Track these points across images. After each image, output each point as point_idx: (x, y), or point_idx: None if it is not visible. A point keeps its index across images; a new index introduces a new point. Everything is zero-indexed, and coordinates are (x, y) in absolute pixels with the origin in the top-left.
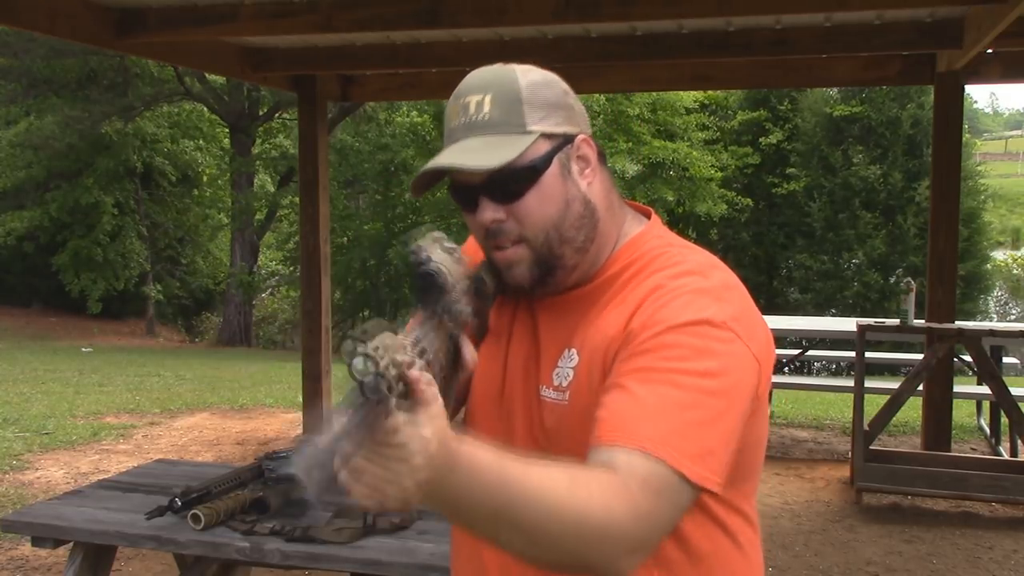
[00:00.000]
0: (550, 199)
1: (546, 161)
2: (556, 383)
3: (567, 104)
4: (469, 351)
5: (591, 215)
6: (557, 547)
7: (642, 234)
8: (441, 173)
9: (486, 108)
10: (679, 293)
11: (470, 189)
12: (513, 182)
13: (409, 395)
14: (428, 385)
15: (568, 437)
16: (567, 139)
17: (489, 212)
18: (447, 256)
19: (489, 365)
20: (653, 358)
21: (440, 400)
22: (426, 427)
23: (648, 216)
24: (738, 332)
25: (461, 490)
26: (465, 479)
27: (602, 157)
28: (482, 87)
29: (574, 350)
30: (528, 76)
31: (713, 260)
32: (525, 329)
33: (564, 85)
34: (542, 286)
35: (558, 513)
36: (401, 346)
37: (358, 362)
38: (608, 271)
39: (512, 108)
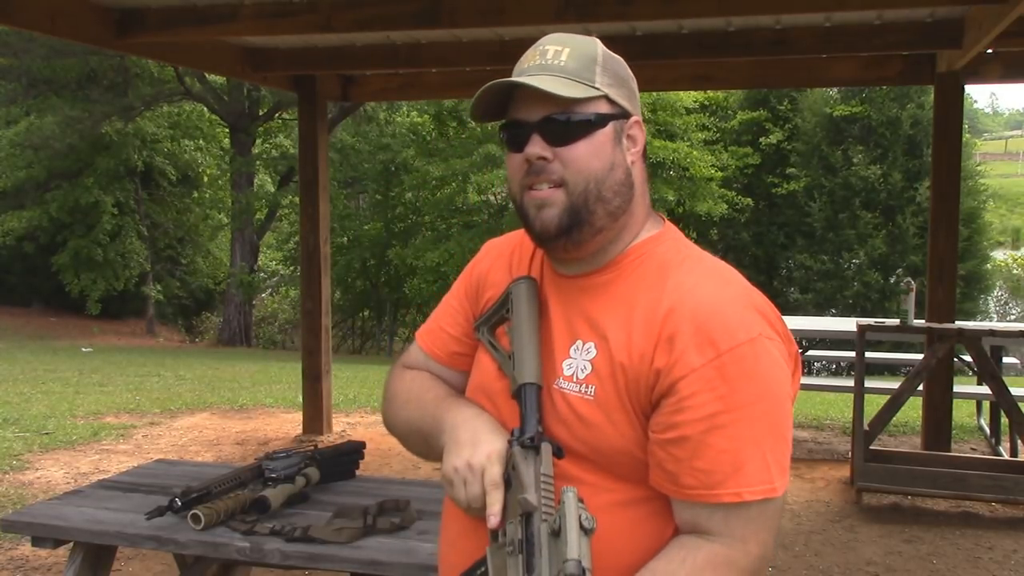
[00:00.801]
0: (598, 155)
1: (603, 120)
2: (568, 373)
3: (631, 87)
4: None
5: (629, 188)
6: None
7: (660, 234)
8: (502, 111)
9: (564, 57)
10: (708, 315)
11: (524, 126)
12: (568, 128)
13: None
14: None
15: (591, 428)
16: (625, 113)
17: (538, 147)
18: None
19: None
20: (708, 400)
21: None
22: None
23: (663, 220)
24: (768, 335)
25: None
26: None
27: (644, 150)
28: (563, 41)
29: (591, 344)
30: (605, 49)
31: (726, 266)
32: (543, 321)
33: (630, 72)
34: (566, 237)
35: None
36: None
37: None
38: (624, 262)
39: (587, 65)
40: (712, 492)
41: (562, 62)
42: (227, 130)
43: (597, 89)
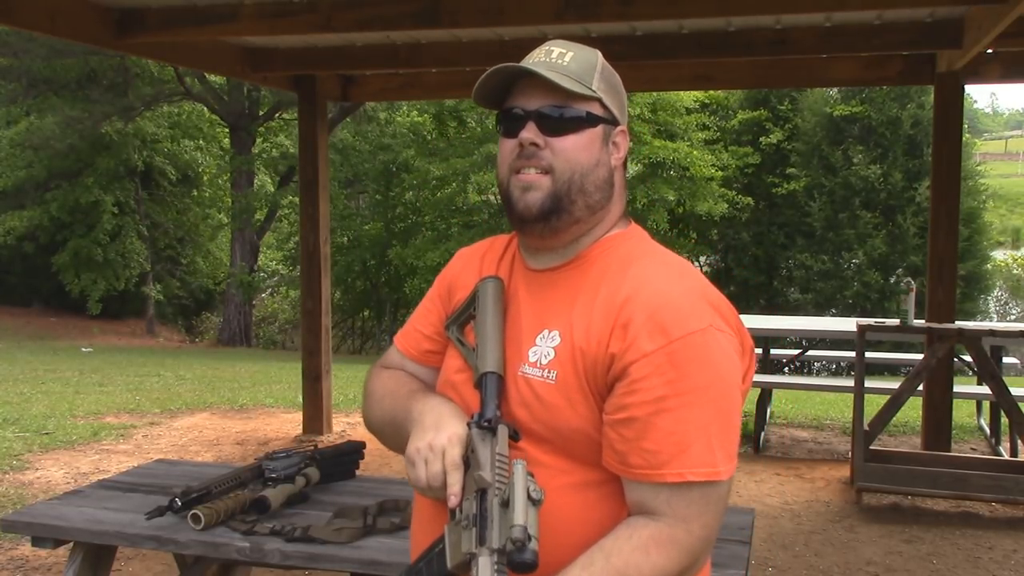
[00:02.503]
0: (586, 150)
1: (595, 120)
2: (534, 360)
3: (623, 99)
4: None
5: (610, 187)
6: None
7: (626, 233)
8: (503, 98)
9: (567, 59)
10: (661, 304)
11: (521, 114)
12: (562, 120)
13: None
14: None
15: (551, 411)
16: (614, 120)
17: (531, 134)
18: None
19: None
20: (659, 383)
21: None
22: None
23: (629, 222)
24: (718, 326)
25: None
26: None
27: (626, 159)
28: (568, 46)
29: (555, 332)
30: (604, 60)
31: (683, 261)
32: (512, 312)
33: (623, 87)
34: (544, 221)
35: None
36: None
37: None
38: (591, 255)
39: (587, 69)
40: (657, 472)
41: (565, 63)
42: (227, 130)
43: (593, 91)
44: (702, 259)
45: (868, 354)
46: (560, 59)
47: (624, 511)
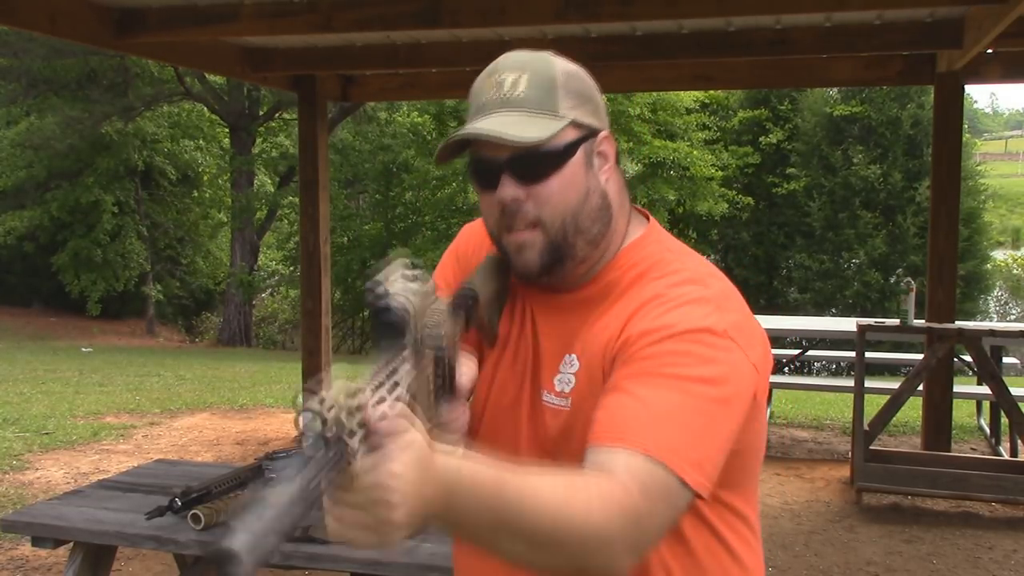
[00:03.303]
0: (572, 186)
1: (573, 148)
2: (559, 389)
3: (595, 99)
4: (467, 370)
5: (606, 210)
6: (559, 554)
7: (642, 238)
8: (467, 143)
9: (522, 87)
10: (680, 302)
11: (493, 166)
12: (539, 163)
13: (369, 435)
14: (394, 418)
15: (573, 441)
16: (592, 132)
17: (510, 190)
18: (408, 285)
19: (495, 373)
20: (654, 363)
21: (414, 426)
22: (395, 461)
23: (647, 218)
24: (738, 341)
25: (460, 508)
26: (463, 498)
27: (618, 158)
28: (519, 66)
29: (575, 356)
30: (564, 65)
31: (711, 268)
32: (527, 335)
33: (592, 81)
34: (549, 275)
35: (559, 522)
36: (353, 391)
37: (306, 417)
38: (609, 275)
39: (547, 91)
40: (619, 437)
41: (521, 93)
42: (227, 130)
43: (562, 118)
44: None
45: (868, 354)
46: (514, 89)
47: (661, 547)
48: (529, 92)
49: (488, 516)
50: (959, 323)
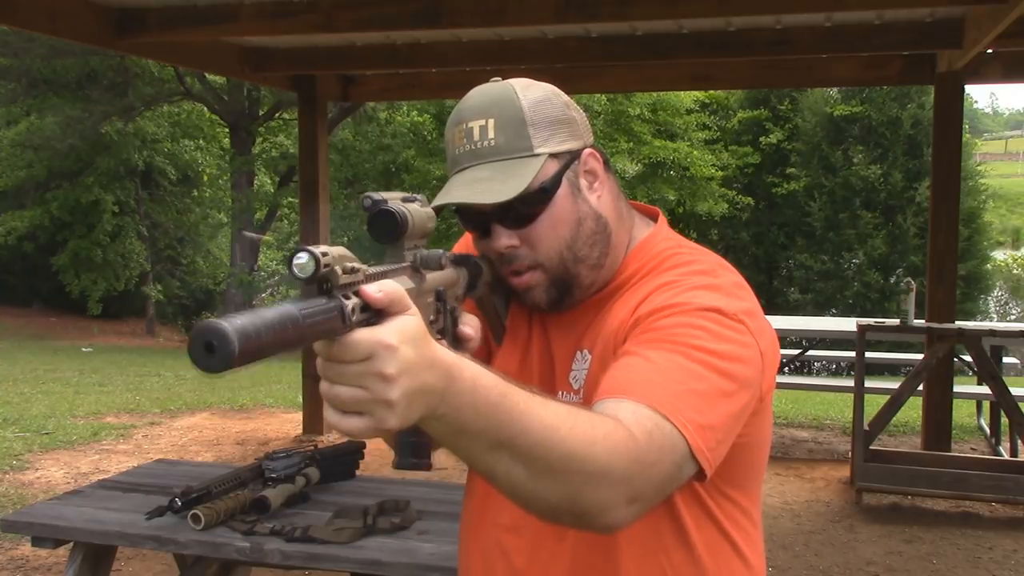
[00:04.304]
0: (562, 221)
1: (556, 182)
2: (574, 386)
3: (569, 118)
4: (472, 321)
5: (603, 230)
6: (557, 483)
7: (651, 237)
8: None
9: (491, 133)
10: (690, 287)
11: (481, 216)
12: (525, 207)
13: (365, 306)
14: (392, 291)
15: None
16: (573, 156)
17: (504, 239)
18: (407, 205)
19: (520, 375)
20: (665, 332)
21: (416, 314)
22: (393, 334)
23: (655, 217)
24: (748, 326)
25: (458, 407)
26: (462, 395)
27: (607, 164)
28: (483, 110)
29: (586, 351)
30: (528, 94)
31: (722, 261)
32: (540, 334)
33: (564, 97)
34: (559, 306)
35: (562, 446)
36: (352, 258)
37: (301, 257)
38: (620, 276)
39: (517, 131)
40: (623, 391)
41: (490, 140)
42: (227, 130)
43: (538, 156)
44: None
45: (868, 354)
46: (484, 138)
47: (670, 539)
48: (498, 137)
49: (488, 426)
50: (959, 323)
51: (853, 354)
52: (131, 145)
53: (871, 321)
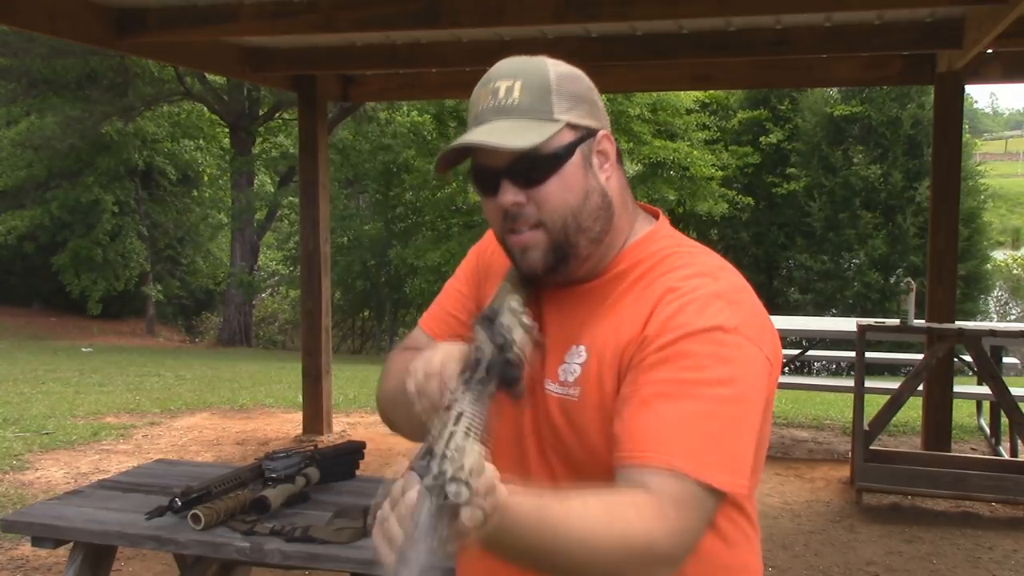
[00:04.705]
0: (571, 187)
1: (570, 150)
2: (562, 378)
3: (592, 99)
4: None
5: (608, 208)
6: (604, 572)
7: (652, 233)
8: (466, 152)
9: (516, 94)
10: (691, 298)
11: (492, 172)
12: (536, 167)
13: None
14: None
15: (578, 431)
16: (590, 132)
17: (510, 195)
18: (524, 334)
19: None
20: (670, 369)
21: (493, 475)
22: (492, 516)
23: (657, 217)
24: (750, 336)
25: (507, 542)
26: (511, 533)
27: (619, 156)
28: (512, 74)
29: (582, 347)
30: (557, 68)
31: (721, 262)
32: (535, 320)
33: (589, 81)
34: (554, 273)
35: (604, 546)
36: (470, 451)
37: (452, 489)
38: (617, 267)
39: (541, 96)
40: (642, 454)
41: (515, 100)
42: (227, 130)
43: (557, 121)
44: None
45: (868, 354)
46: (508, 97)
47: None
48: (523, 98)
49: (536, 547)
50: (959, 323)
51: (853, 354)
52: (131, 145)
53: (871, 321)
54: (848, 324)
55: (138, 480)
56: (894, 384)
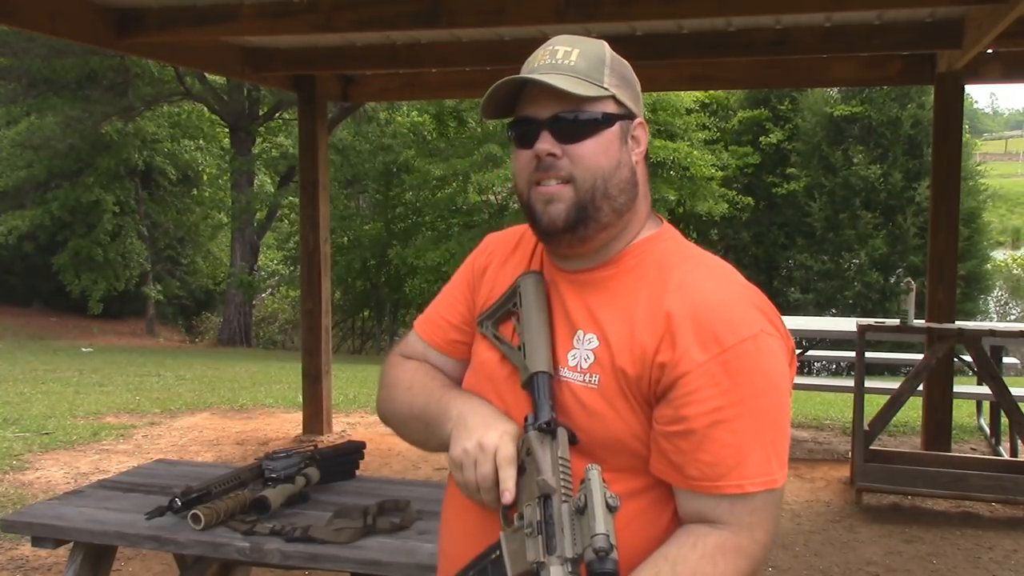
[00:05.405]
0: (606, 152)
1: (610, 120)
2: (573, 363)
3: (636, 89)
4: None
5: (634, 187)
6: None
7: (658, 234)
8: (512, 104)
9: (573, 57)
10: (713, 308)
11: (534, 124)
12: (577, 126)
13: None
14: None
15: (593, 416)
16: (630, 114)
17: (548, 144)
18: (610, 519)
19: (506, 336)
20: (714, 393)
21: None
22: None
23: (660, 221)
24: (770, 332)
25: None
26: None
27: (646, 152)
28: (572, 43)
29: (591, 335)
30: (614, 53)
31: (725, 264)
32: None
33: (635, 75)
34: (571, 232)
35: None
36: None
37: None
38: (625, 259)
39: (596, 66)
40: (716, 484)
41: (572, 62)
42: (227, 130)
43: (605, 89)
44: None
45: (868, 354)
46: (566, 59)
47: (666, 517)
48: (579, 63)
49: None
50: (959, 323)
51: (853, 354)
52: (131, 145)
53: (871, 321)
54: (848, 324)
55: (138, 480)
56: (894, 384)
